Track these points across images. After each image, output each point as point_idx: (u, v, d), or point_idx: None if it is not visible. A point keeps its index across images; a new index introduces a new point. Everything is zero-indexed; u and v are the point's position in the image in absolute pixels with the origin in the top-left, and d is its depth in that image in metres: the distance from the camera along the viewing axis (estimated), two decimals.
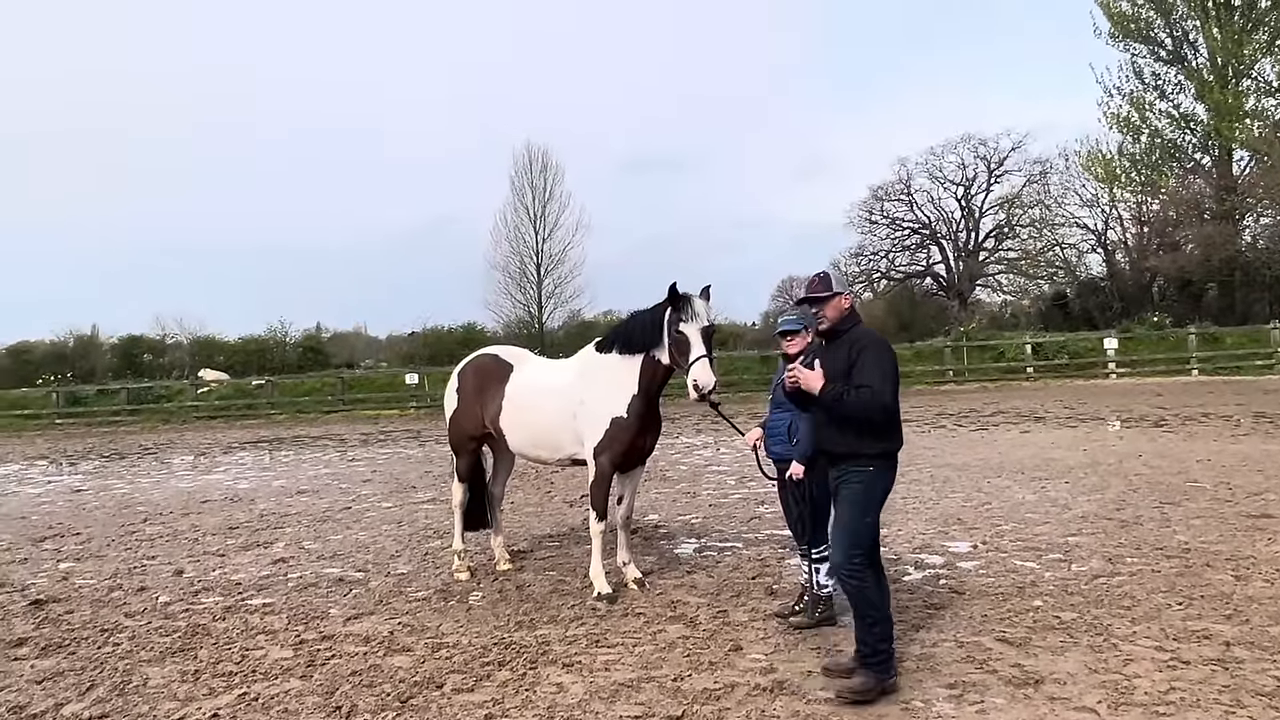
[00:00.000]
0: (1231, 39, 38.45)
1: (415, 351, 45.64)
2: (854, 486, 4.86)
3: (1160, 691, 4.64)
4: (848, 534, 4.84)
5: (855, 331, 5.04)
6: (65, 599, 7.71)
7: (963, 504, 9.99)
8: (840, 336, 5.04)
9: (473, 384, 7.80)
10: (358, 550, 9.16)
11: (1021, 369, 31.84)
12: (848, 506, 4.87)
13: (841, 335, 5.03)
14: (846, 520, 4.87)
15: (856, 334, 5.02)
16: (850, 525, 4.85)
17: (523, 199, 46.28)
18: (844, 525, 4.87)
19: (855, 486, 4.86)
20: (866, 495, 4.87)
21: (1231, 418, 17.25)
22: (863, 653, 4.81)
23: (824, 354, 5.12)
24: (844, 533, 4.86)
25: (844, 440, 4.86)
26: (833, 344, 5.08)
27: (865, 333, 5.06)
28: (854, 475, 4.86)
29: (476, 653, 5.74)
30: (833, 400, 4.79)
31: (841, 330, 5.04)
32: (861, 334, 5.03)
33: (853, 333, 5.03)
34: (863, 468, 4.86)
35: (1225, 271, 39.03)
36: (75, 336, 48.75)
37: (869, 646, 4.77)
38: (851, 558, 4.80)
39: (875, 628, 4.78)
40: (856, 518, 4.85)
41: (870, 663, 4.75)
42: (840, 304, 5.05)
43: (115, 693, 5.38)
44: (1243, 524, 8.31)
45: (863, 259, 50.67)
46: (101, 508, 13.17)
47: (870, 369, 4.79)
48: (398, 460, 17.93)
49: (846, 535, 4.84)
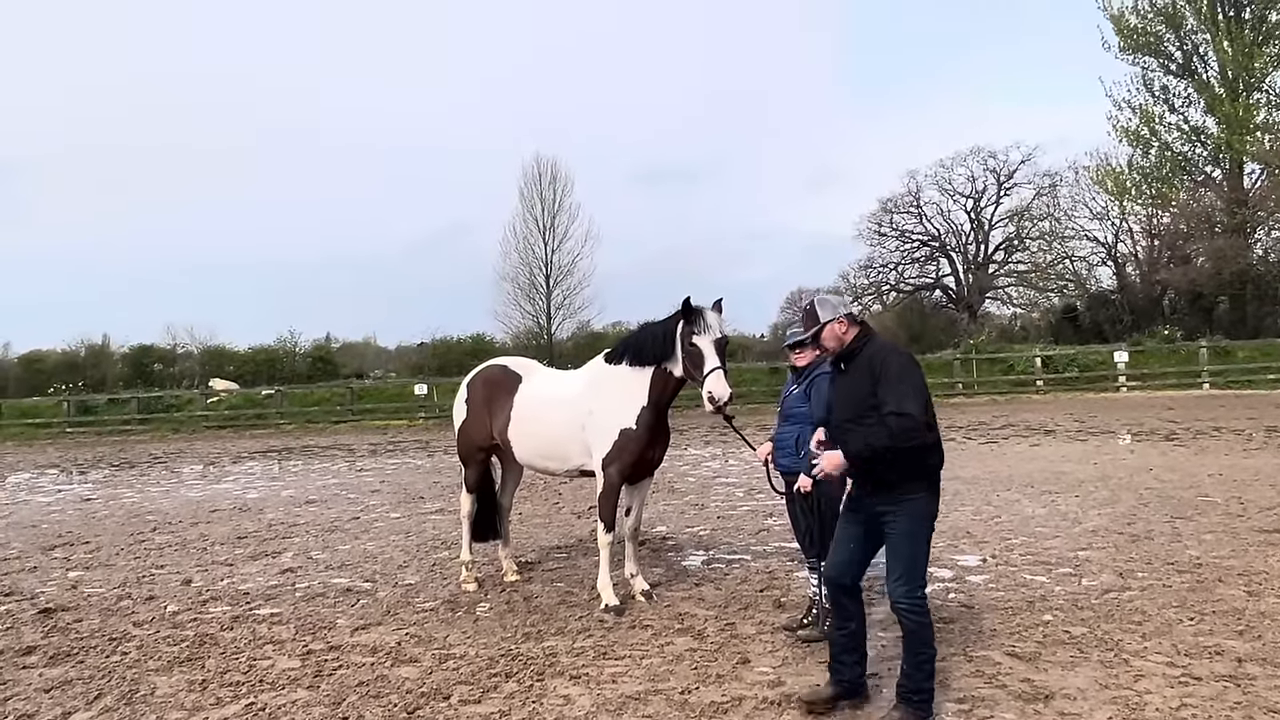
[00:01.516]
0: (1242, 52, 38.38)
1: (424, 362, 45.74)
2: (912, 519, 4.51)
3: (1171, 708, 4.61)
4: (911, 567, 4.51)
5: (872, 347, 4.67)
6: (74, 607, 7.73)
7: (972, 517, 9.95)
8: (856, 357, 4.69)
9: (481, 395, 7.81)
10: (365, 560, 9.17)
11: (1031, 382, 31.71)
12: (906, 540, 4.51)
13: (857, 355, 4.68)
14: (907, 554, 4.51)
15: (874, 350, 4.65)
16: (914, 558, 4.52)
17: (532, 210, 46.42)
18: (905, 559, 4.51)
19: (913, 518, 4.52)
20: (925, 524, 4.56)
21: (1243, 432, 17.15)
22: (906, 688, 4.54)
23: (842, 380, 4.78)
24: (906, 567, 4.51)
25: (895, 468, 4.49)
26: (851, 366, 4.71)
27: (884, 347, 4.68)
28: (909, 502, 4.51)
29: (483, 664, 5.74)
30: (869, 455, 4.45)
31: (856, 350, 4.70)
32: (879, 349, 4.66)
33: (869, 349, 4.66)
34: (916, 495, 4.52)
35: (1236, 285, 38.83)
36: (86, 346, 49.02)
37: (915, 683, 4.52)
38: (914, 592, 4.49)
39: (926, 665, 4.53)
40: (917, 550, 4.53)
41: (913, 700, 4.52)
42: (835, 330, 4.73)
43: (123, 701, 5.39)
44: (1255, 539, 8.26)
45: (872, 271, 50.62)
46: (111, 516, 13.20)
47: (895, 389, 4.43)
48: (406, 470, 17.94)
49: (909, 569, 4.51)
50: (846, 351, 4.75)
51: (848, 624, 4.79)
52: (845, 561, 4.75)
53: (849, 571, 4.75)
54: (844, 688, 4.77)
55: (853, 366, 4.72)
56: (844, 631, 4.79)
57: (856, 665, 4.82)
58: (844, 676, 4.78)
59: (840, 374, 4.84)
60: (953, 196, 49.24)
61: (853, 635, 4.79)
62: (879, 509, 4.61)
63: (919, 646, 4.53)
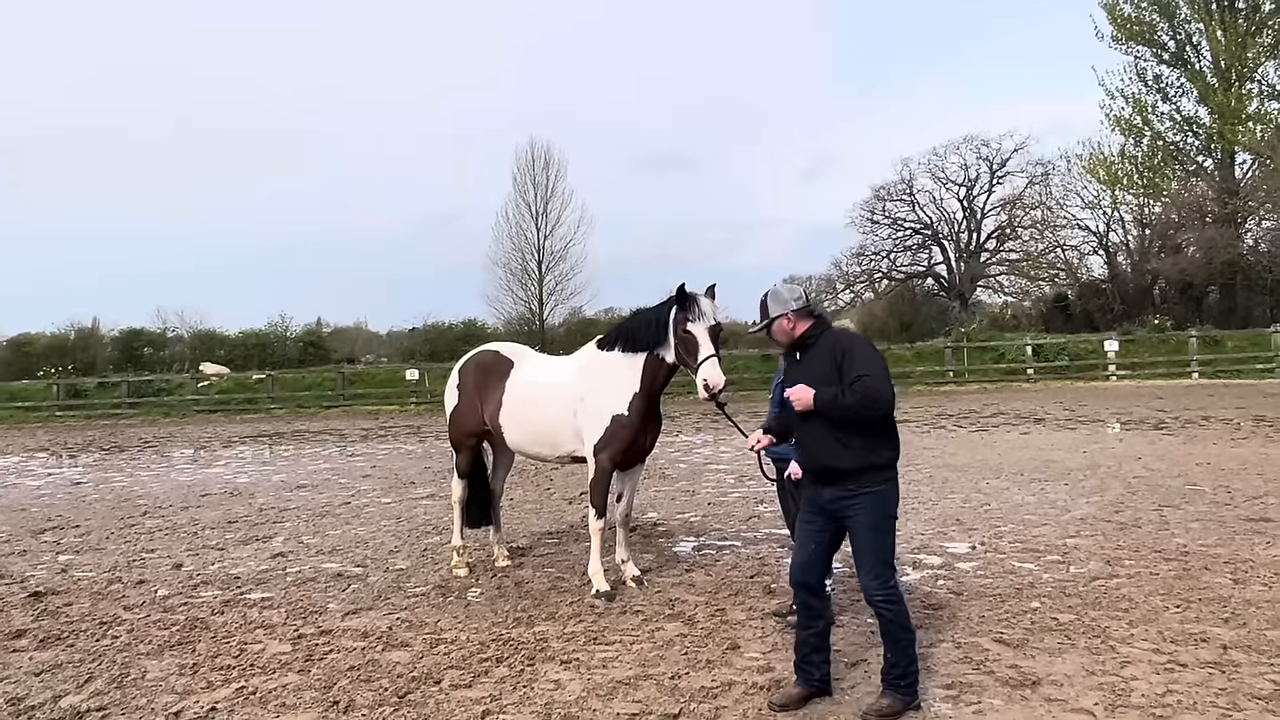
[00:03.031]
0: (1235, 42, 38.42)
1: (416, 347, 45.62)
2: (873, 511, 4.55)
3: (1157, 694, 4.65)
4: (878, 560, 4.56)
5: (829, 336, 4.77)
6: (64, 591, 7.72)
7: (962, 505, 10.00)
8: (811, 347, 4.77)
9: (473, 380, 7.80)
10: (357, 545, 9.17)
11: (1022, 370, 31.79)
12: (869, 534, 4.55)
13: (811, 345, 4.77)
14: (874, 547, 4.56)
15: (833, 337, 4.75)
16: (879, 551, 4.56)
17: (524, 195, 46.33)
18: (873, 551, 4.56)
19: (874, 511, 4.55)
20: (886, 518, 4.60)
21: (1231, 421, 17.24)
22: (892, 675, 4.58)
23: (795, 369, 4.83)
24: (874, 559, 4.55)
25: (850, 453, 4.53)
26: (806, 355, 4.79)
27: (843, 335, 4.81)
28: (868, 496, 4.54)
29: (474, 649, 5.75)
30: (829, 401, 4.47)
31: (813, 338, 4.78)
32: (840, 335, 4.78)
33: (826, 338, 4.76)
34: (875, 487, 4.55)
35: (1227, 275, 38.99)
36: (76, 329, 48.65)
37: (899, 669, 4.57)
38: (886, 582, 4.54)
39: (908, 649, 4.58)
40: (881, 543, 4.57)
41: (900, 685, 4.56)
42: (783, 326, 4.81)
43: (113, 685, 5.39)
44: (1241, 527, 8.32)
45: (864, 259, 50.69)
46: (101, 500, 13.18)
47: (860, 361, 4.51)
48: (397, 456, 17.93)
49: (878, 562, 4.55)
50: (800, 342, 4.82)
51: (815, 623, 4.77)
52: (808, 561, 4.75)
53: (814, 570, 4.75)
54: (814, 687, 4.75)
55: (808, 356, 4.78)
56: (811, 630, 4.75)
57: (824, 664, 4.80)
58: (813, 676, 4.76)
59: (794, 363, 4.89)
60: (945, 184, 49.28)
61: (820, 634, 4.77)
62: (837, 502, 4.63)
63: (898, 632, 4.58)
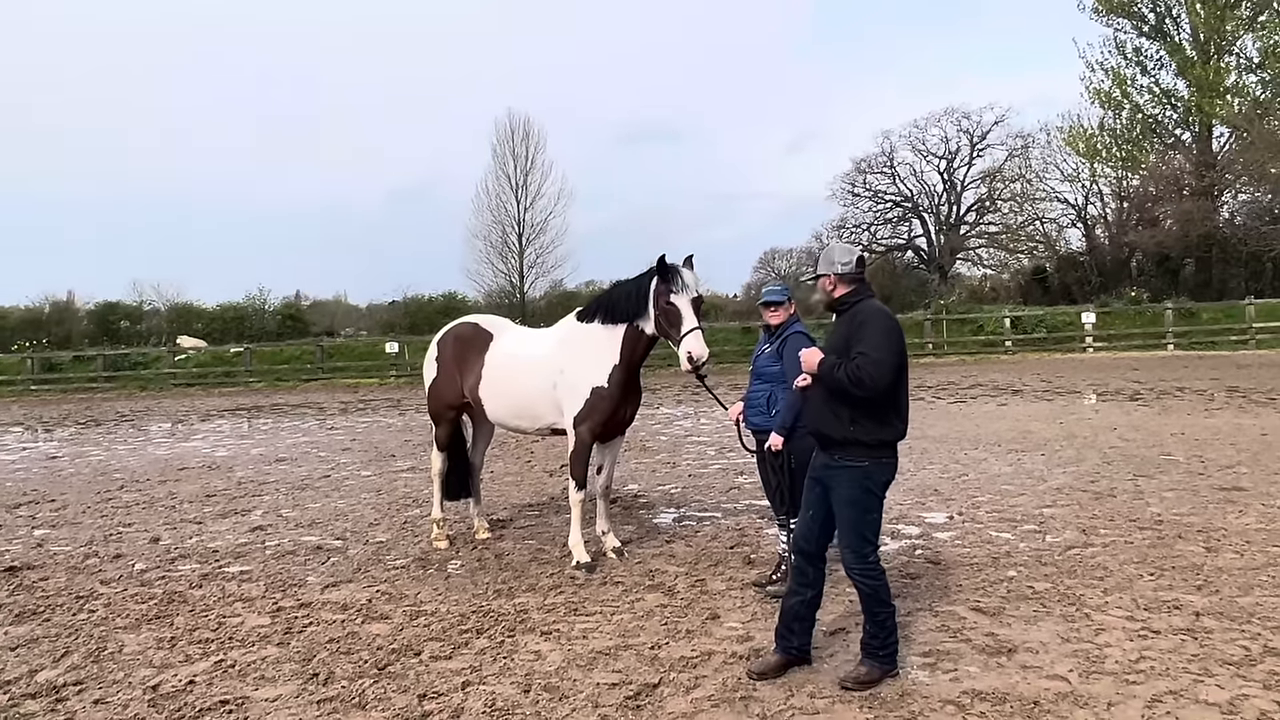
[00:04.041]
0: (1214, 15, 38.52)
1: (395, 320, 45.46)
2: (852, 485, 4.54)
3: (1130, 660, 4.71)
4: (856, 535, 4.57)
5: (862, 305, 4.73)
6: (40, 566, 7.66)
7: (940, 475, 10.07)
8: (845, 311, 4.75)
9: (452, 353, 7.75)
10: (336, 518, 9.14)
11: (1000, 342, 32.05)
12: (849, 508, 4.56)
13: (846, 310, 4.75)
14: (852, 521, 4.57)
15: (862, 307, 4.71)
16: (857, 526, 4.57)
17: (504, 167, 46.07)
18: (851, 526, 4.58)
19: (853, 485, 4.54)
20: (867, 494, 4.56)
21: (1205, 392, 17.43)
22: (872, 645, 4.61)
23: (828, 332, 4.90)
24: (852, 535, 4.57)
25: (837, 424, 4.53)
26: (839, 319, 4.80)
27: (870, 305, 4.73)
28: (849, 470, 4.54)
29: (455, 620, 5.75)
30: (827, 370, 4.52)
31: (847, 304, 4.75)
32: (866, 307, 4.72)
33: (859, 306, 4.72)
34: (857, 461, 4.52)
35: (1203, 248, 39.33)
36: (51, 302, 48.15)
37: (879, 640, 4.60)
38: (865, 558, 4.56)
39: (887, 622, 4.60)
40: (860, 518, 4.57)
41: (879, 655, 4.60)
42: (823, 284, 4.82)
43: (90, 659, 5.35)
44: (1214, 496, 8.42)
45: (845, 231, 50.76)
46: (77, 475, 13.06)
47: (869, 338, 4.49)
48: (377, 429, 17.87)
49: (855, 537, 4.57)
50: (836, 305, 4.82)
51: (805, 590, 4.77)
52: (807, 527, 4.78)
53: (812, 538, 4.77)
54: (792, 655, 4.77)
55: (839, 320, 4.80)
56: (800, 598, 4.76)
57: (805, 633, 4.81)
58: (792, 644, 4.77)
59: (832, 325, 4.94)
60: (926, 157, 49.43)
61: (808, 604, 4.78)
62: (826, 470, 4.66)
63: (876, 606, 4.60)
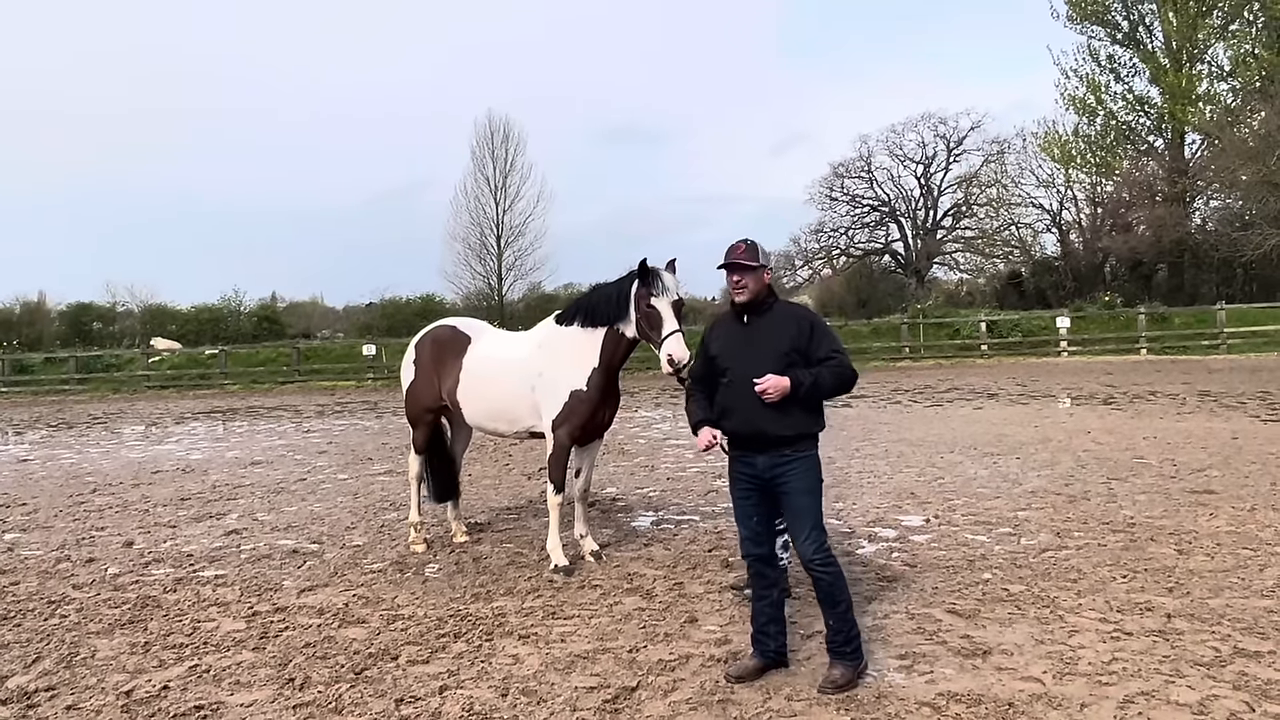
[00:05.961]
0: (1186, 23, 39.03)
1: (373, 322, 45.12)
2: (808, 475, 4.62)
3: (1104, 662, 4.75)
4: (814, 524, 4.59)
5: (784, 305, 4.82)
6: (10, 570, 7.56)
7: (916, 479, 10.13)
8: (765, 312, 4.75)
9: (430, 355, 7.72)
10: (312, 522, 9.08)
11: (976, 346, 32.29)
12: (807, 497, 4.61)
13: (765, 312, 4.75)
14: (811, 509, 4.61)
15: (788, 308, 4.82)
16: (814, 515, 4.61)
17: (483, 169, 45.91)
18: (809, 515, 4.60)
19: (809, 475, 4.62)
20: (819, 480, 4.67)
21: (1178, 396, 17.64)
22: (836, 642, 4.62)
23: (743, 331, 4.77)
24: (811, 524, 4.59)
25: (789, 420, 4.57)
26: (759, 321, 4.75)
27: (796, 306, 4.86)
28: (803, 461, 4.62)
29: (432, 624, 5.73)
30: (811, 387, 4.52)
31: (765, 305, 4.77)
32: (797, 308, 4.85)
33: (780, 307, 4.79)
34: (808, 451, 4.64)
35: (1175, 253, 39.84)
36: (21, 303, 47.37)
37: (842, 635, 4.60)
38: (822, 546, 4.57)
39: (847, 614, 4.61)
40: (817, 505, 4.63)
41: (846, 653, 4.59)
42: (764, 278, 4.78)
43: (62, 665, 5.29)
44: (1186, 499, 8.51)
45: (822, 235, 51.11)
46: (49, 478, 12.90)
47: (830, 337, 4.65)
48: (354, 432, 17.76)
49: (814, 526, 4.59)
50: (755, 303, 4.77)
51: (769, 591, 4.80)
52: (754, 534, 4.77)
53: (763, 540, 4.78)
54: (770, 659, 4.78)
55: (761, 322, 4.74)
56: (766, 600, 4.78)
57: (780, 635, 4.83)
58: (769, 648, 4.78)
59: (741, 325, 4.82)
60: (903, 162, 49.74)
61: (775, 604, 4.80)
62: (771, 470, 4.64)
63: (836, 596, 4.60)
